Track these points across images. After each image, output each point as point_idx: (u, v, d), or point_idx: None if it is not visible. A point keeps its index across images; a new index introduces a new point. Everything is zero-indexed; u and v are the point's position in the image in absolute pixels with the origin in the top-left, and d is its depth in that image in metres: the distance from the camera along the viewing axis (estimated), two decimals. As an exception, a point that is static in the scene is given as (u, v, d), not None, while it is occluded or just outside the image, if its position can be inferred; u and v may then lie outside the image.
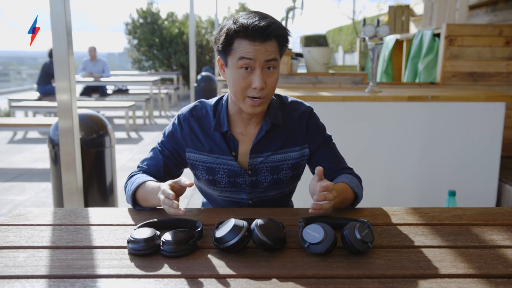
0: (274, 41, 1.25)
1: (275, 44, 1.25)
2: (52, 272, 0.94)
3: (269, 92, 1.29)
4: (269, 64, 1.25)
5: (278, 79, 1.32)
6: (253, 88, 1.25)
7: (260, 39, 1.22)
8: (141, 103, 7.77)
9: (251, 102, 1.28)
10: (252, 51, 1.22)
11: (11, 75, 16.81)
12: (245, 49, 1.22)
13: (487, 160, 2.81)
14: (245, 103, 1.29)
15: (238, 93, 1.28)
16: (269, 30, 1.21)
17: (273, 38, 1.24)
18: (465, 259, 1.01)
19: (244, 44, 1.23)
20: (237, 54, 1.24)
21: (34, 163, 5.13)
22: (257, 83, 1.24)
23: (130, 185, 1.36)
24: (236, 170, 1.38)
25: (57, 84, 2.16)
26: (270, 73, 1.27)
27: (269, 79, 1.27)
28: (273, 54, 1.25)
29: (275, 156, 1.39)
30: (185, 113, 1.42)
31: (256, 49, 1.22)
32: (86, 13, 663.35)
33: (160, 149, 1.43)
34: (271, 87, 1.28)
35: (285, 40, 1.28)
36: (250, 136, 1.39)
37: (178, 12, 17.63)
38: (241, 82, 1.26)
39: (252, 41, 1.22)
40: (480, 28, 3.52)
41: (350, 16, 17.69)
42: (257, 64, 1.23)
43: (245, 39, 1.22)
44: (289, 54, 3.43)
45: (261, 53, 1.23)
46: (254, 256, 1.01)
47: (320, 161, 1.43)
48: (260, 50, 1.22)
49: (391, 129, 2.78)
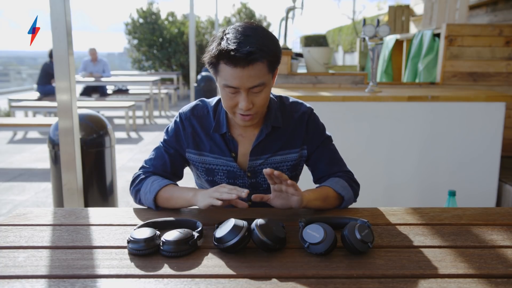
0: (262, 63, 1.19)
1: (262, 66, 1.20)
2: (52, 272, 0.94)
3: (258, 109, 1.27)
4: (255, 90, 1.22)
5: (270, 92, 1.29)
6: (240, 108, 1.24)
7: (242, 66, 1.16)
8: (141, 103, 7.76)
9: (241, 118, 1.28)
10: (236, 78, 1.18)
11: (11, 75, 16.80)
12: (229, 75, 1.19)
13: (487, 160, 2.81)
14: (236, 118, 1.30)
15: (227, 109, 1.29)
16: (251, 58, 1.16)
17: (259, 62, 1.18)
18: (465, 259, 1.00)
19: (227, 70, 1.19)
20: (222, 79, 1.21)
21: (34, 163, 5.13)
22: (243, 105, 1.22)
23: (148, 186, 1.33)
24: (236, 172, 1.38)
25: (57, 84, 2.16)
26: (257, 94, 1.24)
27: (256, 98, 1.24)
28: (258, 79, 1.20)
29: (275, 158, 1.39)
30: (186, 111, 1.42)
31: (239, 76, 1.18)
32: (86, 13, 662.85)
33: (165, 148, 1.42)
34: (259, 105, 1.26)
35: (275, 58, 1.23)
36: (249, 137, 1.39)
37: (178, 12, 17.65)
38: (228, 101, 1.25)
39: (234, 67, 1.17)
40: (480, 28, 3.52)
41: (350, 16, 17.72)
42: (242, 89, 1.21)
43: (228, 65, 1.18)
44: (289, 54, 3.43)
45: (245, 80, 1.19)
46: (254, 256, 1.01)
47: (316, 162, 1.42)
48: (243, 77, 1.18)
49: (391, 129, 2.78)
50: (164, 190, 1.31)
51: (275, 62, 1.24)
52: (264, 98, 1.26)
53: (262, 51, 1.17)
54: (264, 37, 1.20)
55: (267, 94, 1.27)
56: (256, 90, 1.22)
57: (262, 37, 1.20)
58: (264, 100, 1.27)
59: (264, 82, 1.22)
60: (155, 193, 1.30)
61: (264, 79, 1.22)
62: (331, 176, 1.41)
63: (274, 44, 1.23)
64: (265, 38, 1.21)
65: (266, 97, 1.27)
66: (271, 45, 1.21)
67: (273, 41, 1.23)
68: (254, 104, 1.25)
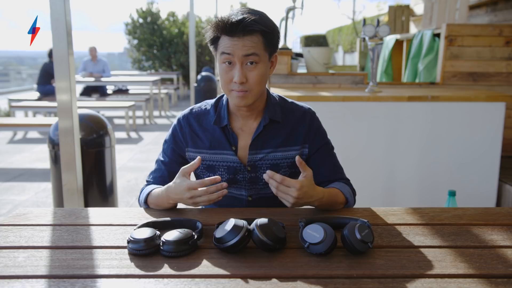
0: (257, 35, 1.24)
1: (258, 39, 1.25)
2: (52, 272, 0.94)
3: (253, 86, 1.29)
4: (249, 59, 1.25)
5: (265, 74, 1.31)
6: (234, 82, 1.27)
7: (238, 34, 1.23)
8: (141, 103, 7.77)
9: (236, 94, 1.29)
10: (230, 45, 1.24)
11: (11, 75, 16.80)
12: (225, 44, 1.25)
13: (487, 160, 2.81)
14: (231, 96, 1.31)
15: (224, 86, 1.31)
16: (243, 24, 1.21)
17: (255, 33, 1.24)
18: (465, 259, 1.00)
19: (225, 39, 1.25)
20: (220, 49, 1.27)
21: (34, 163, 5.13)
22: (237, 77, 1.26)
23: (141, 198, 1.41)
24: (236, 166, 1.39)
25: (57, 84, 2.16)
26: (252, 68, 1.27)
27: (250, 73, 1.27)
28: (252, 49, 1.24)
29: (275, 154, 1.40)
30: (185, 112, 1.45)
31: (234, 44, 1.24)
32: (86, 13, 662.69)
33: (162, 159, 1.46)
34: (253, 82, 1.28)
35: (270, 35, 1.27)
36: (249, 131, 1.40)
37: (178, 12, 17.62)
38: (224, 76, 1.29)
39: (231, 36, 1.24)
40: (480, 28, 3.52)
41: (350, 16, 17.70)
42: (236, 58, 1.25)
43: (225, 34, 1.24)
44: (289, 54, 3.43)
45: (239, 48, 1.24)
46: (254, 256, 1.01)
47: (319, 166, 1.43)
48: (238, 45, 1.23)
49: (391, 129, 2.78)
50: (150, 196, 1.35)
51: (271, 40, 1.28)
52: (258, 75, 1.28)
53: (256, 22, 1.23)
54: (262, 14, 1.27)
55: (262, 73, 1.29)
56: (250, 60, 1.25)
57: (259, 13, 1.27)
58: (258, 77, 1.28)
59: (258, 54, 1.26)
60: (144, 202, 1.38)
61: (259, 52, 1.26)
62: (332, 181, 1.42)
63: (271, 22, 1.29)
64: (263, 15, 1.27)
65: (260, 75, 1.29)
66: (267, 21, 1.27)
67: (271, 20, 1.29)
68: (248, 79, 1.27)
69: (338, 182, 1.41)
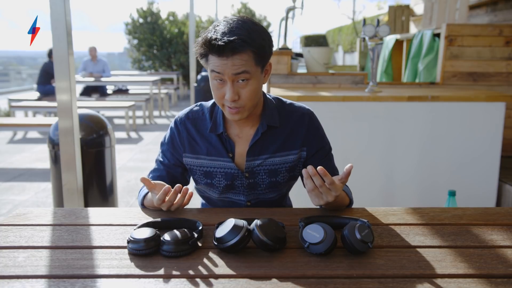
0: (247, 53, 1.20)
1: (248, 56, 1.20)
2: (52, 272, 0.94)
3: (245, 102, 1.26)
4: (240, 77, 1.22)
5: (258, 88, 1.28)
6: (226, 99, 1.25)
7: (227, 54, 1.19)
8: (141, 103, 7.77)
9: (229, 110, 1.28)
10: (220, 65, 1.21)
11: (11, 75, 16.80)
12: (214, 62, 1.22)
13: (487, 160, 2.81)
14: (225, 110, 1.30)
15: (216, 101, 1.30)
16: (233, 46, 1.18)
17: (243, 51, 1.19)
18: (465, 259, 1.00)
19: (213, 58, 1.22)
20: (209, 66, 1.24)
21: (34, 163, 5.13)
22: (228, 95, 1.24)
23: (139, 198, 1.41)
24: (234, 173, 1.38)
25: (57, 84, 2.16)
26: (244, 85, 1.24)
27: (242, 90, 1.24)
28: (242, 67, 1.21)
29: (273, 159, 1.38)
30: (181, 116, 1.43)
31: (223, 63, 1.21)
32: (86, 13, 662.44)
33: (161, 160, 1.45)
34: (246, 98, 1.25)
35: (261, 51, 1.23)
36: (246, 137, 1.38)
37: (178, 12, 17.63)
38: (216, 92, 1.27)
39: (219, 56, 1.20)
40: (480, 28, 3.52)
41: (350, 16, 17.72)
42: (226, 77, 1.22)
43: (214, 53, 1.21)
44: (289, 54, 3.43)
45: (228, 68, 1.21)
46: (254, 256, 1.01)
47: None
48: (227, 64, 1.20)
49: (391, 129, 2.78)
50: (146, 199, 1.35)
51: (262, 55, 1.24)
52: (250, 91, 1.25)
53: (245, 41, 1.19)
54: (251, 30, 1.22)
55: (254, 88, 1.26)
56: (241, 78, 1.23)
57: (248, 29, 1.21)
58: (250, 93, 1.26)
59: (249, 72, 1.22)
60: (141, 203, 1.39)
61: (249, 69, 1.22)
62: None
63: (261, 37, 1.23)
64: (252, 30, 1.22)
65: (253, 90, 1.26)
66: (257, 37, 1.22)
67: (261, 34, 1.24)
68: (240, 96, 1.25)
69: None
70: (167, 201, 1.22)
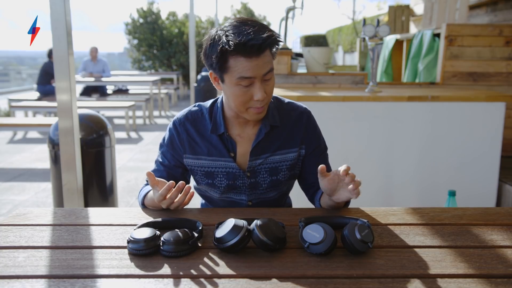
0: (268, 50, 1.24)
1: (269, 52, 1.24)
2: (52, 272, 0.94)
3: (270, 98, 1.31)
4: (268, 76, 1.25)
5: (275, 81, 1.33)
6: (256, 100, 1.25)
7: (256, 54, 1.20)
8: (141, 103, 7.77)
9: (255, 111, 1.28)
10: (250, 68, 1.20)
11: (11, 75, 16.80)
12: (243, 67, 1.20)
13: (487, 160, 2.81)
14: (249, 113, 1.29)
15: (240, 106, 1.28)
16: (266, 44, 1.20)
17: (268, 48, 1.23)
18: (465, 259, 1.00)
19: (241, 62, 1.20)
20: (235, 73, 1.21)
21: (34, 163, 5.13)
22: (260, 95, 1.24)
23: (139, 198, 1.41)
24: (235, 172, 1.38)
25: (57, 84, 2.16)
26: (268, 82, 1.27)
27: (268, 87, 1.27)
28: (269, 64, 1.24)
29: (274, 157, 1.39)
30: (180, 117, 1.42)
31: (254, 65, 1.20)
32: (86, 13, 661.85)
33: (161, 160, 1.44)
34: (270, 93, 1.30)
35: (277, 45, 1.27)
36: (247, 137, 1.39)
37: (178, 12, 17.62)
38: (242, 97, 1.25)
39: (248, 57, 1.19)
40: (480, 28, 3.52)
41: (350, 16, 17.73)
42: (257, 79, 1.23)
43: (241, 56, 1.19)
44: (289, 54, 3.43)
45: (259, 69, 1.21)
46: (254, 256, 1.01)
47: (312, 166, 1.42)
48: (258, 65, 1.21)
49: (391, 129, 2.78)
50: (146, 198, 1.35)
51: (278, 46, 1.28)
52: (273, 86, 1.30)
53: (271, 36, 1.21)
54: (264, 26, 1.25)
55: (274, 82, 1.31)
56: (267, 77, 1.25)
57: (263, 26, 1.24)
58: (273, 88, 1.30)
59: (273, 67, 1.27)
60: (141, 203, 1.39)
61: (272, 65, 1.27)
62: None
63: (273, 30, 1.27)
64: (265, 26, 1.25)
65: (273, 84, 1.31)
66: (273, 31, 1.25)
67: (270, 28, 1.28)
68: (267, 93, 1.27)
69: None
70: (168, 198, 1.21)
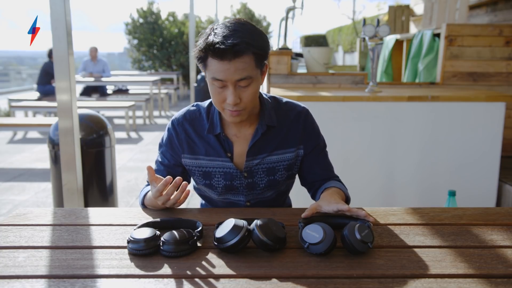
0: (248, 56, 1.19)
1: (249, 59, 1.19)
2: (52, 272, 0.94)
3: (246, 105, 1.27)
4: (242, 83, 1.22)
5: (258, 89, 1.28)
6: (228, 103, 1.24)
7: (229, 58, 1.17)
8: (141, 103, 7.77)
9: (229, 113, 1.28)
10: (222, 71, 1.19)
11: (11, 75, 16.80)
12: (216, 68, 1.20)
13: (487, 160, 2.81)
14: (225, 114, 1.29)
15: (216, 104, 1.29)
16: (237, 49, 1.16)
17: (245, 54, 1.18)
18: (465, 259, 1.01)
19: (214, 64, 1.20)
20: (210, 72, 1.22)
21: (34, 163, 5.13)
22: (230, 99, 1.23)
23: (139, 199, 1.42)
24: (232, 172, 1.38)
25: (57, 84, 2.16)
26: (245, 88, 1.23)
27: (244, 93, 1.24)
28: (245, 71, 1.20)
29: (271, 157, 1.39)
30: (178, 117, 1.42)
31: (226, 69, 1.18)
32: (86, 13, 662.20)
33: (161, 160, 1.45)
34: (247, 101, 1.26)
35: (261, 54, 1.22)
36: (244, 137, 1.38)
37: (178, 12, 17.64)
38: (217, 97, 1.26)
39: (220, 60, 1.18)
40: (480, 28, 3.52)
41: (350, 16, 17.73)
42: (229, 83, 1.21)
43: (214, 58, 1.19)
44: (289, 54, 3.43)
45: (231, 73, 1.19)
46: (254, 256, 1.01)
47: (313, 166, 1.43)
48: (230, 70, 1.18)
49: (391, 129, 2.78)
50: (146, 198, 1.36)
51: (263, 57, 1.24)
52: (252, 93, 1.25)
53: (248, 44, 1.18)
54: (252, 32, 1.21)
55: (255, 90, 1.26)
56: (243, 84, 1.22)
57: (249, 31, 1.21)
58: (252, 96, 1.26)
59: (251, 76, 1.22)
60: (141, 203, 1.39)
61: (251, 73, 1.22)
62: (325, 180, 1.43)
63: (262, 39, 1.23)
64: (253, 32, 1.21)
65: (254, 92, 1.26)
66: (258, 39, 1.22)
67: (261, 36, 1.24)
68: (242, 99, 1.24)
69: (334, 181, 1.42)
70: (165, 194, 1.20)
